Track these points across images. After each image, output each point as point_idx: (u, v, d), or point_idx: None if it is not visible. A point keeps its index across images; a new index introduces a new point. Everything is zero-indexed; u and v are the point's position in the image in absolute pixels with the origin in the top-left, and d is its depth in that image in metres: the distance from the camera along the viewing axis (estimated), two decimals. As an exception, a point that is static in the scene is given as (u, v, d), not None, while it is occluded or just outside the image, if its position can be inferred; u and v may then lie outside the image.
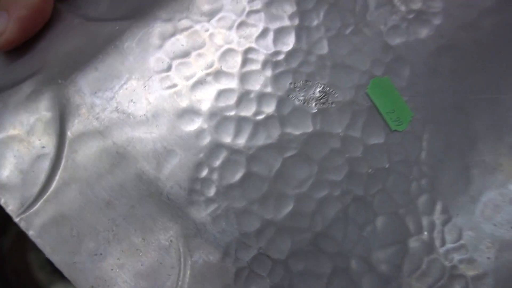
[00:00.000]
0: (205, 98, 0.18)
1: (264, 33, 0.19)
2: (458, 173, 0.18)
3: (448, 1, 0.21)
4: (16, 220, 0.16)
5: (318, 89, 0.18)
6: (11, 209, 0.17)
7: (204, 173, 0.17)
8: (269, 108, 0.18)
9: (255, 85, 0.18)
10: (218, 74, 0.18)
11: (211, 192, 0.17)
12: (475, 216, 0.18)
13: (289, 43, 0.19)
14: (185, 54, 0.18)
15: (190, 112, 0.17)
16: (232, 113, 0.18)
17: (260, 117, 0.18)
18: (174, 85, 0.18)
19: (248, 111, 0.18)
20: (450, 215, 0.18)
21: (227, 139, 0.17)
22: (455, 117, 0.19)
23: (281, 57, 0.19)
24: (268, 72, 0.18)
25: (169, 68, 0.18)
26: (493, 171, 0.18)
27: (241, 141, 0.17)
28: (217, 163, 0.17)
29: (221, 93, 0.18)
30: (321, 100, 0.18)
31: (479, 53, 0.20)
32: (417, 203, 0.18)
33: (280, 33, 0.19)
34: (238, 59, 0.18)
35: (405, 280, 0.17)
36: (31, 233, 0.16)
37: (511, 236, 0.17)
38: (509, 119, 0.19)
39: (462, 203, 0.18)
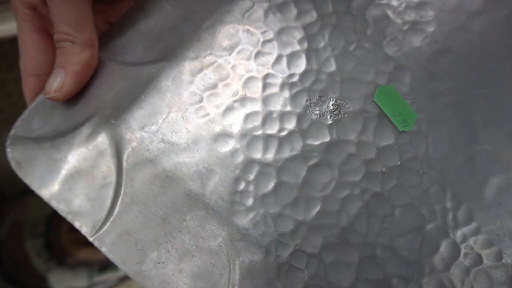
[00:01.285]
0: (235, 122, 0.21)
1: (278, 59, 0.22)
2: (463, 162, 0.20)
3: (439, 9, 0.23)
4: (91, 239, 0.20)
5: (331, 103, 0.21)
6: (85, 231, 0.20)
7: (242, 186, 0.20)
8: (291, 124, 0.21)
9: (276, 106, 0.21)
10: (243, 100, 0.21)
11: (249, 201, 0.20)
12: (483, 199, 0.20)
13: (301, 65, 0.22)
14: (213, 86, 0.21)
15: (223, 135, 0.20)
16: (259, 132, 0.21)
17: (284, 133, 0.21)
18: (207, 114, 0.21)
19: (273, 129, 0.21)
20: (460, 201, 0.20)
21: (258, 155, 0.20)
22: (455, 113, 0.21)
23: (295, 78, 0.22)
24: (286, 93, 0.21)
25: (201, 100, 0.21)
26: (495, 157, 0.21)
27: (270, 155, 0.20)
28: (252, 176, 0.20)
29: (248, 116, 0.21)
30: (334, 112, 0.21)
31: (471, 53, 0.22)
32: (429, 193, 0.20)
33: (292, 57, 0.22)
34: (259, 84, 0.21)
35: (425, 261, 0.19)
36: (104, 250, 0.20)
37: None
38: (504, 110, 0.21)
39: (470, 189, 0.20)
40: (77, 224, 0.20)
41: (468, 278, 0.19)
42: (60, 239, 0.44)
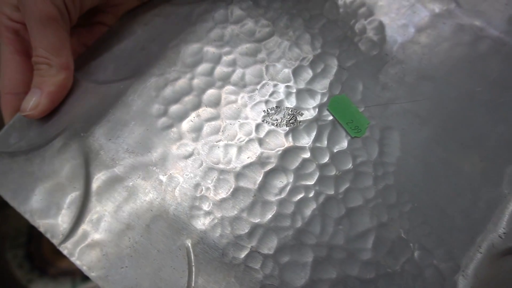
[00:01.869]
0: (196, 132, 0.22)
1: (238, 74, 0.23)
2: (414, 166, 0.21)
3: (389, 25, 0.25)
4: (59, 248, 0.21)
5: (287, 113, 0.22)
6: (55, 241, 0.21)
7: (201, 192, 0.21)
8: (248, 134, 0.22)
9: (235, 116, 0.22)
10: (204, 112, 0.22)
11: (208, 206, 0.21)
12: (435, 201, 0.21)
13: (260, 78, 0.23)
14: (177, 99, 0.23)
15: (185, 145, 0.22)
16: (219, 141, 0.22)
17: (242, 141, 0.22)
18: (171, 125, 0.22)
19: (232, 138, 0.22)
20: (412, 202, 0.21)
21: (217, 162, 0.21)
22: (406, 120, 0.22)
23: (254, 91, 0.23)
24: (245, 105, 0.23)
25: (165, 113, 0.22)
26: (446, 161, 0.21)
27: (228, 162, 0.21)
28: (211, 182, 0.21)
29: (208, 127, 0.22)
30: (290, 121, 0.22)
31: (420, 63, 0.24)
32: (381, 196, 0.21)
33: (251, 72, 0.23)
34: (219, 97, 0.23)
35: (379, 260, 0.20)
36: (71, 257, 0.20)
37: (460, 211, 0.20)
38: (453, 116, 0.22)
39: (422, 191, 0.21)
40: (47, 234, 0.21)
41: (419, 275, 0.19)
42: (42, 249, 0.44)
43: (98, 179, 0.21)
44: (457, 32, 0.24)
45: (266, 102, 0.23)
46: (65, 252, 0.21)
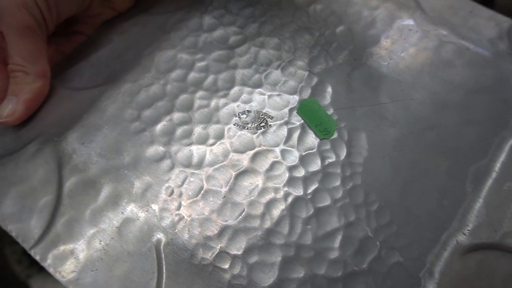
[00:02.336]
0: (168, 136, 0.22)
1: (210, 79, 0.24)
2: (382, 165, 0.22)
3: (357, 31, 0.25)
4: (31, 252, 0.21)
5: (257, 116, 0.23)
6: (26, 245, 0.21)
7: (171, 192, 0.21)
8: (219, 137, 0.22)
9: (207, 120, 0.23)
10: (176, 116, 0.23)
11: (178, 208, 0.21)
12: (401, 200, 0.21)
13: (231, 84, 0.24)
14: (149, 104, 0.23)
15: (156, 148, 0.22)
16: (190, 144, 0.22)
17: (214, 145, 0.22)
18: (144, 129, 0.23)
19: (203, 141, 0.22)
20: (378, 201, 0.21)
21: (188, 165, 0.22)
22: (373, 121, 0.23)
23: (226, 96, 0.24)
24: (216, 108, 0.23)
25: (138, 117, 0.23)
26: (412, 161, 0.22)
27: (199, 165, 0.22)
28: (181, 184, 0.21)
29: (180, 130, 0.23)
30: (261, 124, 0.23)
31: (387, 68, 0.24)
32: (349, 195, 0.21)
33: (223, 77, 0.24)
34: (192, 102, 0.23)
35: (346, 258, 0.20)
36: (42, 262, 0.20)
37: (425, 210, 0.21)
38: (419, 117, 0.23)
39: (389, 191, 0.21)
40: (18, 238, 0.21)
41: (386, 273, 0.20)
42: (41, 244, 0.44)
43: (70, 183, 0.22)
44: (422, 38, 0.25)
45: (238, 106, 0.23)
46: (36, 257, 0.21)
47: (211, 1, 0.27)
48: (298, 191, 0.21)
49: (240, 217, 0.21)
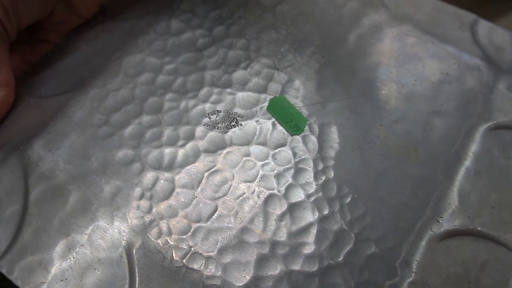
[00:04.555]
0: (138, 139, 0.22)
1: (179, 82, 0.24)
2: (353, 157, 0.22)
3: (321, 25, 0.26)
4: (-4, 265, 0.20)
5: (227, 115, 0.23)
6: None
7: (142, 195, 0.21)
8: (190, 137, 0.22)
9: (177, 122, 0.23)
10: (145, 119, 0.23)
11: (149, 210, 0.20)
12: (373, 191, 0.21)
13: (200, 85, 0.24)
14: (118, 109, 0.23)
15: (125, 151, 0.22)
16: (160, 146, 0.22)
17: (184, 146, 0.22)
18: (112, 134, 0.22)
19: (173, 143, 0.22)
20: (351, 193, 0.21)
21: (158, 167, 0.21)
22: (343, 115, 0.23)
23: (195, 97, 0.23)
24: (186, 109, 0.23)
25: (106, 122, 0.23)
26: (382, 151, 0.22)
27: (170, 166, 0.21)
28: (151, 186, 0.21)
29: (150, 132, 0.22)
30: (231, 124, 0.23)
31: (352, 62, 0.25)
32: (322, 189, 0.21)
33: (192, 79, 0.24)
34: (161, 104, 0.23)
35: (321, 253, 0.20)
36: (10, 276, 0.20)
37: (398, 200, 0.21)
38: (387, 108, 0.23)
39: (361, 182, 0.21)
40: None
41: (362, 265, 0.19)
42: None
43: (37, 191, 0.21)
44: (387, 34, 0.26)
45: (207, 107, 0.23)
46: (3, 270, 0.20)
47: (179, 5, 0.27)
48: (271, 188, 0.21)
49: (213, 217, 0.20)
